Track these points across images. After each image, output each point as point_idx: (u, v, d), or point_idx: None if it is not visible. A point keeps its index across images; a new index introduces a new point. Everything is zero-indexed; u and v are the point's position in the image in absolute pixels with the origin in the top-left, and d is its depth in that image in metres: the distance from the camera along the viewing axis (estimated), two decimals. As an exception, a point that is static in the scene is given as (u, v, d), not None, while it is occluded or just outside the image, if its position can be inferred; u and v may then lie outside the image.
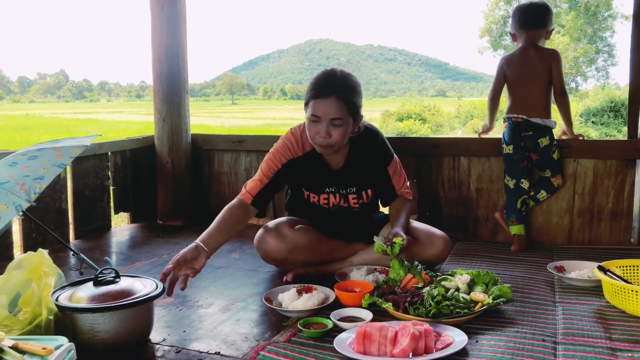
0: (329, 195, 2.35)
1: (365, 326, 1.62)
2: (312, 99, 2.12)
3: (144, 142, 3.53)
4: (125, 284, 1.72)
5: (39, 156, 2.19)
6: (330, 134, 2.12)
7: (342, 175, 2.33)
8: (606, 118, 19.30)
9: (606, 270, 2.02)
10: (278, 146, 2.30)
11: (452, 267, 2.43)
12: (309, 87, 2.16)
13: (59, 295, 1.68)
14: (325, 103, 2.09)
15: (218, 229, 2.11)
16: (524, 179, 2.78)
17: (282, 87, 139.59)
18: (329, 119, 2.10)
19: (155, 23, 3.38)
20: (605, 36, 28.93)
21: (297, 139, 2.29)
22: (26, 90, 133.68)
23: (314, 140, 2.17)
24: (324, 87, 2.11)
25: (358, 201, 2.38)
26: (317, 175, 2.32)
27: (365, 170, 2.34)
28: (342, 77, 2.14)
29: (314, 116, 2.12)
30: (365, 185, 2.37)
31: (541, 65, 2.75)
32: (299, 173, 2.30)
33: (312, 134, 2.15)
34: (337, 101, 2.09)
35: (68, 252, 2.67)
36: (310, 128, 2.15)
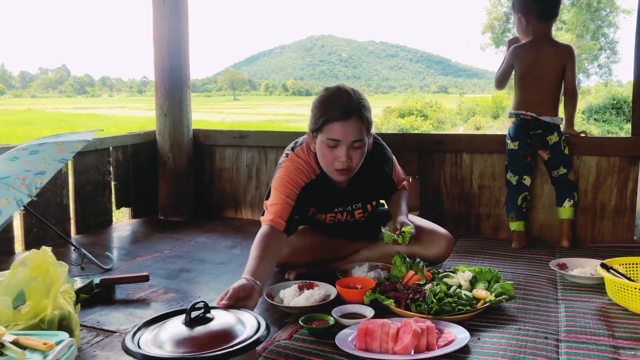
0: (336, 215, 2.30)
1: (367, 323, 1.61)
2: (330, 122, 1.96)
3: (146, 137, 3.53)
4: (223, 322, 1.41)
5: (40, 151, 2.19)
6: (351, 158, 2.00)
7: (348, 194, 2.24)
8: (608, 115, 19.26)
9: (609, 267, 2.02)
10: (291, 170, 2.10)
11: (454, 264, 2.42)
12: (322, 110, 2.00)
13: (139, 339, 1.37)
14: (347, 125, 1.95)
15: (263, 261, 1.86)
16: (527, 175, 2.76)
17: (284, 82, 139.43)
18: (350, 142, 1.98)
19: (157, 18, 3.37)
20: (607, 32, 28.84)
21: (306, 162, 2.13)
22: (28, 85, 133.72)
23: (331, 166, 2.02)
24: (343, 109, 1.96)
25: (363, 214, 2.33)
26: (326, 197, 2.21)
27: (371, 185, 2.26)
28: (356, 96, 2.01)
29: (332, 140, 1.97)
30: (370, 198, 2.30)
31: (556, 62, 2.66)
32: (310, 196, 2.14)
33: (330, 160, 2.01)
34: (357, 122, 1.97)
35: (69, 247, 2.67)
36: (326, 154, 2.01)
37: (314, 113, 2.04)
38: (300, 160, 2.12)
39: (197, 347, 1.31)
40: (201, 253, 2.73)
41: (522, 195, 2.76)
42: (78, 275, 2.27)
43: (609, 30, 28.73)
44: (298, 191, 2.08)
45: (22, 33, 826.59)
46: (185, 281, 2.31)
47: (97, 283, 2.11)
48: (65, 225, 3.00)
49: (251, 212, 3.52)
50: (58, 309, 1.56)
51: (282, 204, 2.04)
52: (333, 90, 2.05)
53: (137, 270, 2.43)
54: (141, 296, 2.13)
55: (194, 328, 1.37)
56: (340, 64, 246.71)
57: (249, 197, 3.51)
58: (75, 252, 2.52)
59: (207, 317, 1.41)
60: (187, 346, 1.32)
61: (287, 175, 2.09)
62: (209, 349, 1.30)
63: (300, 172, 2.10)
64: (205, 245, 2.87)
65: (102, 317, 1.92)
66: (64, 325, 1.56)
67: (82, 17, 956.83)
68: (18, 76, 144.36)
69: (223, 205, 3.60)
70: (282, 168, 2.13)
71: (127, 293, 2.16)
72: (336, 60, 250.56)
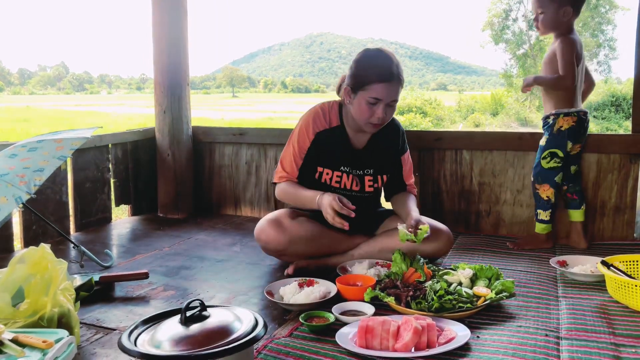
0: (342, 174, 2.36)
1: (367, 320, 1.61)
2: (375, 83, 2.15)
3: (145, 134, 3.52)
4: (219, 319, 1.40)
5: (39, 148, 2.18)
6: (386, 114, 2.21)
7: (362, 156, 2.38)
8: (607, 112, 19.27)
9: (609, 265, 2.01)
10: (305, 121, 2.34)
11: (454, 261, 2.41)
12: (366, 72, 2.18)
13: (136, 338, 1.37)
14: (390, 86, 2.16)
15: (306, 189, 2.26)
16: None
17: (283, 80, 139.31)
18: (390, 101, 2.19)
19: (157, 15, 3.36)
20: (606, 30, 28.81)
21: (325, 113, 2.35)
22: (26, 82, 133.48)
23: (368, 121, 2.22)
24: (387, 72, 2.16)
25: (373, 184, 2.41)
26: (337, 152, 2.35)
27: (384, 154, 2.42)
28: (395, 59, 2.22)
29: (374, 99, 2.17)
30: (382, 169, 2.42)
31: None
32: (321, 147, 2.33)
33: (368, 116, 2.21)
34: (397, 84, 2.19)
35: (68, 244, 2.66)
36: (365, 110, 2.20)
37: (357, 72, 2.22)
38: (319, 111, 2.36)
39: (193, 344, 1.30)
40: (200, 250, 2.72)
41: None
42: (77, 273, 2.26)
43: (607, 27, 28.72)
44: (308, 145, 2.32)
45: (20, 30, 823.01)
46: (184, 278, 2.31)
47: (96, 280, 2.10)
48: (65, 223, 2.99)
49: (250, 209, 3.51)
50: (57, 306, 1.56)
51: (293, 162, 2.32)
52: (375, 52, 2.24)
53: (137, 267, 2.42)
54: (141, 294, 2.12)
55: (190, 326, 1.36)
56: (340, 61, 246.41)
57: (249, 194, 3.50)
58: (74, 250, 2.51)
59: (203, 314, 1.40)
60: (183, 344, 1.31)
61: (304, 122, 2.34)
62: (205, 346, 1.29)
63: (314, 121, 2.33)
64: (204, 243, 2.87)
65: (102, 314, 1.91)
66: (63, 323, 1.56)
67: (80, 14, 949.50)
68: (16, 73, 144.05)
69: (222, 203, 3.59)
70: (300, 119, 2.37)
71: (126, 290, 2.16)
72: (335, 57, 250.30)
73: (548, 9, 2.54)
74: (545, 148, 2.64)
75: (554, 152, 2.62)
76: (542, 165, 2.65)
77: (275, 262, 2.48)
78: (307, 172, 2.35)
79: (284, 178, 2.33)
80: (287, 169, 2.34)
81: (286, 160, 2.35)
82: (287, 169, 2.34)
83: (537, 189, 2.67)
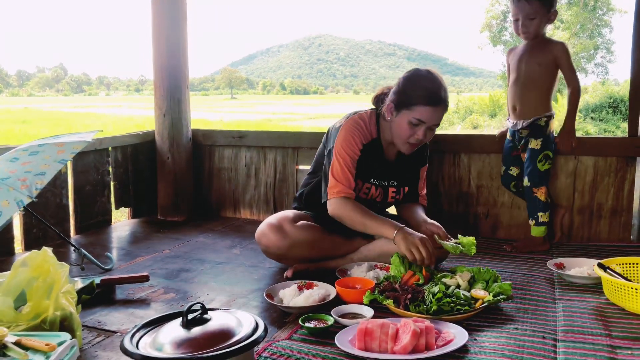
0: (371, 186, 2.38)
1: (366, 323, 1.62)
2: (423, 105, 2.15)
3: (145, 137, 3.53)
4: (220, 322, 1.42)
5: (40, 152, 2.19)
6: (426, 136, 2.22)
7: (391, 168, 2.40)
8: (605, 114, 19.30)
9: (606, 267, 2.03)
10: (352, 131, 2.28)
11: (452, 264, 2.43)
12: (415, 91, 2.17)
13: (138, 341, 1.38)
14: (436, 111, 2.17)
15: (375, 214, 2.23)
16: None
17: (282, 81, 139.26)
18: (432, 124, 2.20)
19: (156, 18, 3.37)
20: (604, 32, 28.89)
21: (366, 124, 2.32)
22: (25, 83, 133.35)
23: (407, 140, 2.22)
24: (436, 96, 2.16)
25: (395, 196, 2.43)
26: (372, 164, 2.34)
27: (411, 166, 2.46)
28: (445, 84, 2.21)
29: (418, 120, 2.17)
30: (405, 181, 2.45)
31: None
32: (361, 159, 2.30)
33: (407, 135, 2.21)
34: (443, 109, 2.20)
35: (69, 247, 2.67)
36: (406, 129, 2.20)
37: (404, 90, 2.21)
38: (360, 122, 2.31)
39: (194, 347, 1.32)
40: (200, 253, 2.74)
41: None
42: (78, 276, 2.28)
43: (605, 29, 28.79)
44: (359, 153, 2.27)
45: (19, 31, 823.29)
46: (184, 281, 2.32)
47: (97, 283, 2.12)
48: (65, 226, 3.01)
49: (250, 211, 3.53)
50: (59, 309, 1.57)
51: (347, 173, 2.24)
52: (425, 73, 2.23)
53: (137, 270, 2.44)
54: (141, 296, 2.14)
55: (192, 329, 1.38)
56: (338, 63, 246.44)
57: (248, 196, 3.52)
58: (75, 253, 2.52)
59: (205, 317, 1.42)
60: (185, 347, 1.32)
61: (350, 133, 2.27)
62: (206, 349, 1.31)
63: (360, 131, 2.29)
64: (204, 245, 2.88)
65: (103, 317, 1.93)
66: (65, 326, 1.57)
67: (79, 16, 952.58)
68: (15, 75, 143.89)
69: (222, 205, 3.61)
70: (342, 129, 2.29)
71: (127, 293, 2.17)
72: (334, 59, 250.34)
73: (539, 14, 2.56)
74: (540, 151, 2.66)
75: (547, 154, 2.67)
76: (538, 169, 2.67)
77: (275, 265, 2.50)
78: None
79: (342, 193, 2.22)
80: (343, 182, 2.23)
81: (339, 173, 2.24)
82: (344, 181, 2.23)
83: (534, 193, 2.69)
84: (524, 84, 2.67)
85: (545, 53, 2.62)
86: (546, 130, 2.66)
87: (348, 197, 2.23)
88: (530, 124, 2.66)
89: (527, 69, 2.65)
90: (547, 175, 2.72)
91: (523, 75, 2.67)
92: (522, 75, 2.67)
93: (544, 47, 2.63)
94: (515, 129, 2.72)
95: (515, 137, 2.75)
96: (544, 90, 2.65)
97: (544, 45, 2.63)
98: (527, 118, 2.66)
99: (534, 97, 2.66)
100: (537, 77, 2.64)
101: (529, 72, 2.65)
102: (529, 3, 2.54)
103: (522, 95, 2.67)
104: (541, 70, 2.63)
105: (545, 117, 2.65)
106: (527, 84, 2.66)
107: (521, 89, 2.67)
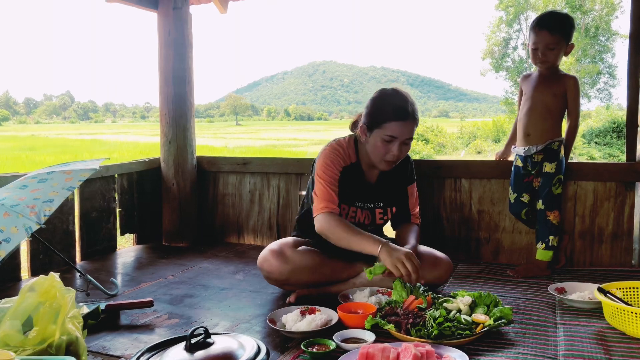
0: (357, 210, 2.42)
1: (367, 347, 1.64)
2: (391, 121, 2.22)
3: (150, 164, 3.59)
4: (223, 346, 1.45)
5: (49, 179, 2.24)
6: (401, 151, 2.27)
7: (374, 190, 2.44)
8: (609, 139, 19.34)
9: (606, 292, 2.04)
10: (329, 155, 2.36)
11: (453, 288, 2.44)
12: (383, 111, 2.25)
13: None
14: (406, 125, 2.23)
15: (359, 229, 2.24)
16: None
17: (286, 107, 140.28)
18: (405, 139, 2.25)
19: (162, 48, 3.46)
20: (606, 57, 29.13)
21: (344, 149, 2.39)
22: (32, 111, 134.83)
23: (383, 158, 2.28)
24: (403, 110, 2.23)
25: (383, 217, 2.47)
26: (354, 187, 2.40)
27: (394, 186, 2.49)
28: (411, 99, 2.29)
29: (390, 137, 2.23)
30: (391, 202, 2.48)
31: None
32: (341, 183, 2.35)
33: (383, 153, 2.27)
34: (412, 123, 2.26)
35: (75, 273, 2.70)
36: (380, 147, 2.26)
37: (373, 111, 2.29)
38: (338, 147, 2.39)
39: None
40: (204, 279, 2.76)
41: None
42: (83, 301, 2.30)
43: (607, 55, 29.04)
44: (339, 174, 2.34)
45: (26, 60, 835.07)
46: (188, 307, 2.34)
47: (102, 309, 2.14)
48: (71, 252, 3.04)
49: (254, 237, 3.56)
50: (66, 334, 1.60)
51: (329, 192, 2.30)
52: (391, 91, 2.31)
53: (142, 295, 2.46)
54: (146, 321, 2.16)
55: (195, 353, 1.40)
56: (342, 89, 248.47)
57: (252, 222, 3.55)
58: (80, 278, 2.55)
59: (208, 342, 1.45)
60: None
61: (328, 158, 2.36)
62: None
63: (338, 155, 2.37)
64: (208, 271, 2.91)
65: (108, 342, 1.95)
66: (71, 351, 1.60)
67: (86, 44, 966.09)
68: (22, 102, 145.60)
69: (226, 231, 3.64)
70: (321, 155, 2.39)
71: (131, 318, 2.19)
72: (338, 86, 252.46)
73: (559, 45, 2.61)
74: (555, 175, 2.70)
75: (560, 178, 2.72)
76: (553, 192, 2.71)
77: (278, 290, 2.52)
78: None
79: (326, 208, 2.27)
80: (326, 198, 2.29)
81: (322, 192, 2.30)
82: (327, 197, 2.29)
83: (548, 216, 2.71)
84: (540, 112, 2.69)
85: (560, 84, 2.67)
86: (559, 154, 2.71)
87: (332, 213, 2.27)
88: (544, 149, 2.70)
89: (544, 99, 2.68)
90: (560, 199, 2.74)
91: (540, 105, 2.69)
92: (538, 104, 2.70)
93: (559, 78, 2.69)
94: (528, 154, 2.74)
95: (527, 162, 2.76)
96: (558, 118, 2.71)
97: (559, 77, 2.69)
98: (540, 143, 2.70)
99: (549, 124, 2.70)
100: (552, 106, 2.68)
101: (545, 102, 2.68)
102: (551, 34, 2.58)
103: (537, 122, 2.70)
104: (556, 101, 2.68)
105: (557, 141, 2.69)
106: (543, 113, 2.69)
107: (537, 117, 2.70)
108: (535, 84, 2.73)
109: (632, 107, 2.77)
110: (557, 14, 2.68)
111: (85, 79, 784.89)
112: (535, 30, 2.63)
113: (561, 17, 2.64)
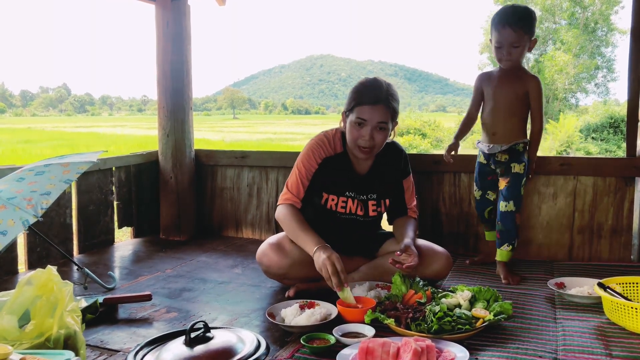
0: (347, 200, 2.40)
1: (367, 342, 1.63)
2: (360, 105, 2.24)
3: (148, 157, 3.57)
4: (222, 340, 1.44)
5: (46, 172, 2.22)
6: (374, 138, 2.25)
7: (365, 181, 2.43)
8: (606, 134, 19.36)
9: (606, 287, 2.04)
10: (312, 146, 2.40)
11: (453, 283, 2.44)
12: (355, 95, 2.28)
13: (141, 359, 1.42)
14: (376, 109, 2.23)
15: (311, 229, 2.24)
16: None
17: (284, 101, 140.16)
18: (375, 123, 2.24)
19: (161, 41, 3.44)
20: (604, 52, 29.11)
21: (329, 140, 2.41)
22: (28, 103, 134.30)
23: (356, 142, 2.27)
24: (374, 95, 2.24)
25: (377, 209, 2.45)
26: (342, 178, 2.40)
27: (387, 179, 2.47)
28: (387, 87, 2.29)
29: (360, 119, 2.24)
30: (385, 194, 2.46)
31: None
32: (327, 173, 2.38)
33: (355, 137, 2.27)
34: (384, 108, 2.24)
35: (72, 266, 2.69)
36: (353, 132, 2.27)
37: (349, 96, 2.31)
38: (324, 138, 2.41)
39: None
40: (202, 272, 2.75)
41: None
42: (81, 295, 2.29)
43: (605, 49, 29.02)
44: (315, 168, 2.37)
45: (23, 52, 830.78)
46: (187, 300, 2.33)
47: (100, 302, 2.13)
48: (68, 245, 3.02)
49: (252, 231, 3.55)
50: (64, 327, 1.58)
51: (298, 184, 2.36)
52: (369, 79, 2.33)
53: (140, 289, 2.45)
54: (144, 315, 2.15)
55: (194, 347, 1.39)
56: (339, 83, 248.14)
57: (250, 216, 3.54)
58: (78, 272, 2.54)
59: (207, 336, 1.44)
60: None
61: (310, 149, 2.39)
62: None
63: (320, 147, 2.39)
64: (206, 265, 2.90)
65: (106, 336, 1.94)
66: (69, 344, 1.58)
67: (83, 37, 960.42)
68: (19, 95, 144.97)
69: (224, 225, 3.62)
70: (306, 145, 2.42)
71: (129, 312, 2.18)
72: (335, 80, 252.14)
73: (523, 41, 2.49)
74: (523, 175, 2.60)
75: (526, 179, 2.63)
76: (521, 194, 2.62)
77: (277, 285, 2.51)
78: (313, 198, 2.39)
79: (288, 200, 2.35)
80: (292, 191, 2.36)
81: (292, 183, 2.38)
82: (293, 190, 2.36)
83: (516, 218, 2.60)
84: (503, 112, 2.60)
85: (521, 83, 2.58)
86: (524, 155, 2.62)
87: (293, 206, 2.34)
88: (508, 149, 2.60)
89: (507, 98, 2.59)
90: (522, 199, 2.66)
91: (503, 104, 2.60)
92: (501, 103, 2.61)
93: (520, 77, 2.58)
94: (492, 152, 2.63)
95: (490, 160, 2.68)
96: (523, 117, 2.61)
97: (520, 75, 2.59)
98: (506, 143, 2.60)
99: (514, 123, 2.60)
100: (515, 106, 2.59)
101: (508, 100, 2.58)
102: (514, 31, 2.44)
103: (503, 122, 2.61)
104: (518, 100, 2.59)
105: (522, 143, 2.61)
106: (506, 112, 2.59)
107: (501, 116, 2.61)
108: (497, 82, 2.63)
109: (633, 102, 2.76)
110: (519, 9, 2.52)
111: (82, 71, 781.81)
112: (497, 28, 2.48)
113: (523, 13, 2.49)
